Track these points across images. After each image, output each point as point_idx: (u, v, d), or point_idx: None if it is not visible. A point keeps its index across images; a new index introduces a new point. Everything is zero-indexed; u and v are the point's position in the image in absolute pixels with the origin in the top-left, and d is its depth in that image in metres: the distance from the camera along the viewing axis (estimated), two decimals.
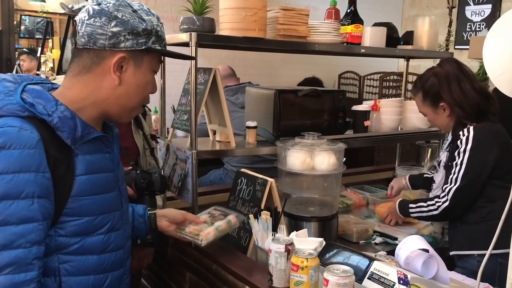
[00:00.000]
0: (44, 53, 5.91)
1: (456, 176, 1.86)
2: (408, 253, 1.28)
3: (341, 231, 2.06)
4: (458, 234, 1.94)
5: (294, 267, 1.21)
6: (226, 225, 1.56)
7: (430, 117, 2.08)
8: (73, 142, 1.12)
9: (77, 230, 1.14)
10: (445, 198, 1.88)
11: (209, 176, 3.27)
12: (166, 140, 2.16)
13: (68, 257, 1.14)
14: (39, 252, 1.06)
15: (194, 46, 1.79)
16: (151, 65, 1.22)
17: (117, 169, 1.29)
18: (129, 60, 1.17)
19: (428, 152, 3.08)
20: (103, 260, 1.21)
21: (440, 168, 2.07)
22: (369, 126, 2.51)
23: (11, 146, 1.03)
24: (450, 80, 1.95)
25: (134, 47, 1.16)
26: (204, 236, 1.49)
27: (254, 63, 4.68)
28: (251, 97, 2.39)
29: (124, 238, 1.31)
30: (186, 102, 2.05)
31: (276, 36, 2.04)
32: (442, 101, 1.97)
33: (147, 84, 1.23)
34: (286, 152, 1.91)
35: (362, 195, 2.62)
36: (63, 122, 1.10)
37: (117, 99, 1.19)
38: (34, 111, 1.09)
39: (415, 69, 4.53)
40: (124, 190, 1.34)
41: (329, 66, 5.22)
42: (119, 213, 1.27)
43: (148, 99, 1.28)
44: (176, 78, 3.62)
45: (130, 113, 1.27)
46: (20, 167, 1.03)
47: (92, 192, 1.16)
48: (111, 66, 1.15)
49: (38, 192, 1.05)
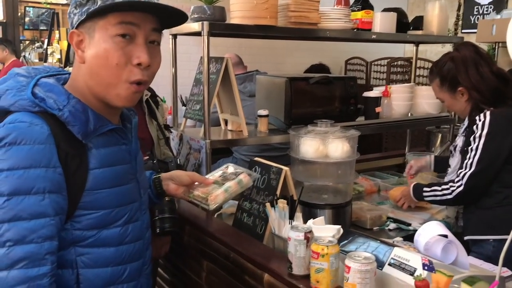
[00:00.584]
0: (51, 44, 5.90)
1: (471, 161, 1.86)
2: (427, 239, 1.28)
3: (355, 218, 2.07)
4: (473, 219, 1.95)
5: (314, 255, 1.21)
6: (237, 185, 1.48)
7: (448, 102, 2.07)
8: (85, 136, 1.10)
9: (93, 223, 1.14)
10: (459, 183, 1.88)
11: (218, 165, 3.24)
12: (179, 130, 2.16)
13: (85, 250, 1.14)
14: (52, 247, 1.05)
15: (206, 36, 1.78)
16: (107, 30, 1.08)
17: (135, 160, 1.27)
18: (84, 35, 1.11)
19: (438, 138, 3.08)
20: (120, 252, 1.20)
21: (455, 153, 2.07)
22: (380, 113, 2.51)
23: (21, 142, 1.02)
24: (467, 64, 1.93)
25: (79, 19, 1.10)
26: (212, 199, 1.42)
27: (260, 50, 4.66)
28: (262, 86, 2.39)
29: (143, 229, 1.29)
30: (198, 92, 2.05)
31: (287, 24, 2.03)
32: (460, 86, 1.96)
33: (106, 53, 1.08)
34: (299, 140, 1.90)
35: (374, 182, 2.62)
36: (74, 116, 1.09)
37: (90, 79, 1.12)
38: (44, 106, 1.07)
39: (421, 54, 4.49)
40: (142, 180, 1.33)
41: (336, 52, 5.19)
42: (137, 204, 1.26)
43: (135, 73, 1.10)
44: (183, 67, 3.61)
45: (115, 91, 1.12)
46: (30, 162, 1.02)
47: (107, 185, 1.15)
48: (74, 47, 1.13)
49: (49, 187, 1.04)
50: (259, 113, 2.16)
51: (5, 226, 1.01)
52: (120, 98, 1.13)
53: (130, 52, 1.09)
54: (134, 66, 1.10)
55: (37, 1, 6.42)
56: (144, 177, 1.37)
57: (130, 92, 1.13)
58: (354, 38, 2.46)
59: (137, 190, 1.27)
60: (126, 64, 1.09)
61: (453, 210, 2.17)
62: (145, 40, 1.11)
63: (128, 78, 1.11)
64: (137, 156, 1.29)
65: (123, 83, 1.11)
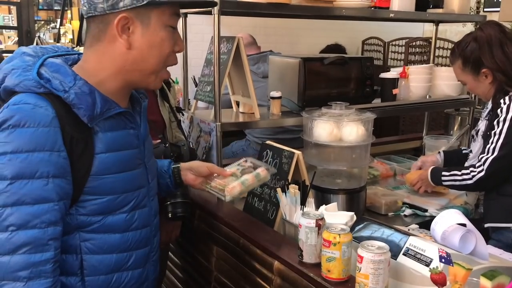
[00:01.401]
0: (63, 24, 5.88)
1: (494, 145, 1.79)
2: (445, 228, 1.22)
3: (369, 203, 2.01)
4: (494, 206, 1.88)
5: (326, 243, 1.17)
6: (254, 179, 1.48)
7: (470, 85, 1.98)
8: (91, 119, 1.07)
9: (98, 209, 1.12)
10: (480, 168, 1.81)
11: (231, 148, 3.24)
12: (190, 112, 2.11)
13: (89, 235, 1.12)
14: (55, 232, 1.04)
15: (217, 14, 1.72)
16: (162, 20, 1.11)
17: (143, 145, 1.24)
18: (134, 20, 1.08)
19: (457, 120, 2.98)
20: (126, 238, 1.18)
21: (478, 137, 1.99)
22: (397, 94, 2.43)
23: (25, 124, 1.00)
24: (492, 44, 1.84)
25: (134, 4, 1.06)
26: (229, 191, 1.42)
27: (275, 30, 4.56)
28: (274, 66, 2.32)
29: (151, 215, 1.27)
30: (209, 72, 2.00)
31: (302, 1, 1.95)
32: (483, 67, 1.87)
33: (162, 42, 1.12)
34: (313, 123, 1.85)
35: (389, 166, 2.56)
36: (80, 99, 1.05)
37: (133, 64, 1.11)
38: (49, 87, 1.04)
39: (441, 34, 4.34)
40: (151, 165, 1.29)
41: (352, 32, 5.05)
42: (144, 190, 1.23)
43: (174, 59, 1.18)
44: (196, 47, 3.55)
45: (155, 78, 1.16)
46: (34, 146, 1.00)
47: (113, 170, 1.12)
48: (116, 30, 1.08)
49: (53, 171, 1.02)
50: (271, 95, 2.10)
51: (8, 210, 0.99)
52: (157, 82, 1.18)
53: (174, 41, 1.16)
54: (173, 52, 1.17)
55: None
56: (153, 162, 1.33)
57: (166, 76, 1.20)
58: (371, 16, 2.37)
59: (145, 175, 1.24)
60: (171, 52, 1.16)
61: (473, 197, 2.10)
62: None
63: (168, 63, 1.17)
64: (145, 140, 1.26)
65: (164, 69, 1.17)
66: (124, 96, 1.18)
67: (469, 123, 2.73)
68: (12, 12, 6.67)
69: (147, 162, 1.26)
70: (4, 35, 6.97)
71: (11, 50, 4.29)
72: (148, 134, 1.29)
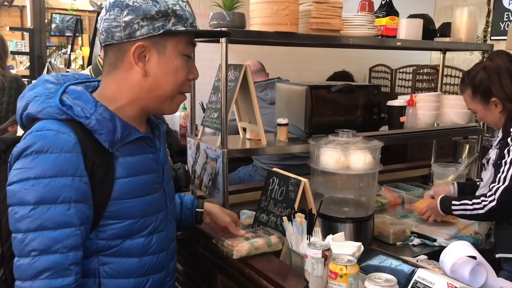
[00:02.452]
0: (74, 50, 5.99)
1: (505, 175, 1.77)
2: (454, 260, 1.20)
3: (377, 232, 1.98)
4: (505, 235, 1.84)
5: (332, 275, 1.15)
6: (264, 243, 1.54)
7: (480, 114, 1.98)
8: (112, 144, 1.09)
9: (118, 233, 1.12)
10: (492, 197, 1.78)
11: (238, 173, 3.23)
12: (196, 138, 2.12)
13: (108, 259, 1.13)
14: (76, 257, 1.04)
15: (225, 42, 1.74)
16: (178, 49, 1.14)
17: (162, 170, 1.25)
18: (150, 48, 1.11)
19: (466, 149, 2.96)
20: (144, 263, 1.18)
21: (488, 166, 1.97)
22: (405, 122, 2.42)
23: (48, 150, 1.02)
24: (501, 74, 1.85)
25: (151, 33, 1.09)
26: (237, 249, 1.49)
27: (283, 57, 4.61)
28: (282, 93, 2.33)
29: (168, 240, 1.27)
30: (216, 99, 2.01)
31: (309, 30, 1.97)
32: (493, 97, 1.87)
33: (177, 70, 1.15)
34: (320, 150, 1.84)
35: (397, 194, 2.53)
36: (101, 125, 1.07)
37: (149, 91, 1.14)
38: (71, 114, 1.07)
39: (448, 61, 4.36)
40: (169, 190, 1.30)
41: (360, 59, 5.09)
42: (163, 214, 1.23)
43: (188, 86, 1.21)
44: (204, 74, 3.57)
45: (171, 103, 1.19)
46: (57, 171, 1.02)
47: (133, 195, 1.13)
48: (132, 58, 1.11)
49: (75, 196, 1.03)
50: (278, 122, 2.10)
51: (31, 236, 1.01)
52: (173, 107, 1.20)
53: (189, 69, 1.19)
54: (188, 80, 1.20)
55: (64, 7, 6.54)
56: (171, 186, 1.34)
57: (181, 101, 1.22)
58: (378, 45, 2.39)
59: (163, 199, 1.25)
60: (186, 79, 1.19)
61: (484, 227, 2.06)
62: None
63: (182, 90, 1.20)
64: (165, 165, 1.27)
65: (178, 95, 1.20)
66: (142, 121, 1.21)
67: (477, 151, 2.71)
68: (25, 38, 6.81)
69: (166, 186, 1.27)
70: (16, 60, 7.11)
71: (23, 75, 4.35)
72: (167, 158, 1.31)
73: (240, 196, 2.24)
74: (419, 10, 2.71)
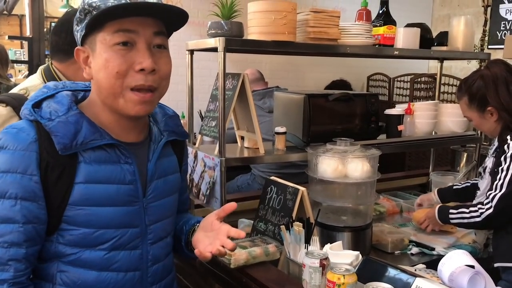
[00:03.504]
0: None
1: (502, 182, 1.77)
2: (452, 269, 1.19)
3: (375, 241, 1.98)
4: (503, 244, 1.84)
5: (330, 284, 1.14)
6: (262, 252, 1.54)
7: (476, 122, 1.99)
8: (65, 148, 1.06)
9: (74, 240, 1.09)
10: (489, 205, 1.78)
11: (236, 182, 3.23)
12: (194, 146, 2.12)
13: (66, 267, 1.11)
14: (17, 254, 1.04)
15: (223, 51, 1.74)
16: (106, 41, 1.06)
17: (141, 183, 1.16)
18: (88, 51, 1.11)
19: (463, 157, 2.96)
20: (103, 278, 1.12)
21: (485, 175, 1.97)
22: (403, 131, 2.42)
23: (6, 147, 1.05)
24: (497, 83, 1.86)
25: (81, 34, 1.10)
26: (235, 258, 1.47)
27: (281, 66, 4.63)
28: (280, 102, 2.33)
29: (144, 260, 1.17)
30: (214, 108, 2.01)
31: (306, 39, 1.98)
32: (489, 105, 1.88)
33: (106, 63, 1.05)
34: (317, 159, 1.84)
35: (396, 202, 2.53)
36: (60, 127, 1.07)
37: (99, 93, 1.12)
38: (36, 115, 1.09)
39: (445, 70, 4.38)
40: (155, 207, 1.19)
41: (358, 68, 5.11)
42: (137, 231, 1.15)
43: (136, 79, 1.06)
44: (203, 82, 3.60)
45: (124, 102, 1.08)
46: (9, 167, 1.04)
47: (90, 202, 1.09)
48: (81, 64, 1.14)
49: (22, 194, 1.04)
50: (276, 130, 2.10)
51: None
52: (128, 106, 1.09)
53: (131, 59, 1.06)
54: (137, 72, 1.06)
55: None
56: (161, 204, 1.23)
57: (135, 100, 1.08)
58: (376, 54, 2.39)
59: (139, 215, 1.16)
60: (127, 71, 1.06)
61: (482, 236, 2.06)
62: (147, 46, 1.08)
63: (129, 84, 1.07)
64: (152, 179, 1.19)
65: (127, 91, 1.08)
66: (128, 128, 1.15)
67: (475, 160, 2.71)
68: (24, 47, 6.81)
69: (150, 203, 1.18)
70: (15, 69, 7.10)
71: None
72: (166, 173, 1.24)
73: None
74: (416, 19, 2.72)
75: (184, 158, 1.37)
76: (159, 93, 1.13)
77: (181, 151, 1.35)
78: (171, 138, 1.27)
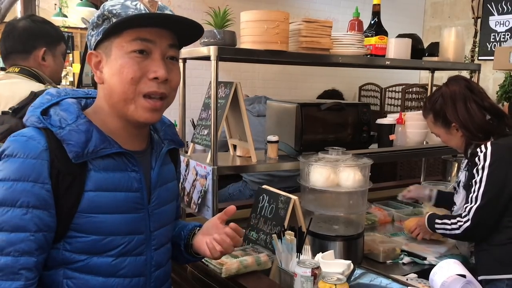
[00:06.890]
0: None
1: (476, 194, 1.78)
2: (444, 279, 1.19)
3: (367, 250, 1.98)
4: (485, 257, 1.83)
5: None
6: (253, 261, 1.53)
7: (444, 138, 2.01)
8: (78, 156, 1.06)
9: (83, 247, 1.09)
10: (466, 217, 1.79)
11: (228, 189, 3.22)
12: (186, 155, 2.11)
13: (72, 274, 1.10)
14: (28, 262, 1.03)
15: (215, 60, 1.75)
16: (122, 48, 1.08)
17: (146, 190, 1.18)
18: (102, 55, 1.11)
19: (454, 167, 2.97)
20: (110, 284, 1.12)
21: (459, 189, 1.98)
22: (394, 140, 2.43)
23: (16, 155, 1.04)
24: (455, 100, 1.88)
25: (96, 40, 1.11)
26: (226, 267, 1.46)
27: (274, 76, 4.65)
28: (272, 111, 2.34)
29: (148, 266, 1.19)
30: (206, 116, 2.01)
31: (299, 49, 1.99)
32: (453, 122, 1.90)
33: (121, 69, 1.08)
34: (309, 168, 1.84)
35: (387, 212, 2.53)
36: (72, 135, 1.07)
37: (109, 98, 1.12)
38: (46, 123, 1.08)
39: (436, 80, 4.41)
40: (159, 214, 1.22)
41: (350, 78, 5.15)
42: (141, 238, 1.17)
43: (149, 86, 1.09)
44: (195, 91, 3.60)
45: (135, 108, 1.10)
46: (20, 175, 1.03)
47: (101, 210, 1.10)
48: (93, 68, 1.13)
49: (33, 202, 1.03)
50: (268, 139, 2.11)
51: None
52: (138, 113, 1.11)
53: (146, 67, 1.09)
54: (150, 80, 1.09)
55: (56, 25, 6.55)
56: (164, 211, 1.25)
57: (146, 107, 1.10)
58: (368, 64, 2.41)
59: (145, 222, 1.18)
60: (141, 78, 1.09)
61: (466, 249, 2.06)
62: (162, 56, 1.11)
63: (142, 90, 1.09)
64: (156, 186, 1.21)
65: (139, 97, 1.10)
66: (133, 136, 1.17)
67: (457, 175, 2.72)
68: None
69: (154, 209, 1.20)
70: None
71: None
72: (167, 181, 1.26)
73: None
74: (407, 30, 2.75)
75: (178, 166, 1.38)
76: (167, 102, 1.15)
77: (176, 159, 1.36)
78: (171, 146, 1.29)
